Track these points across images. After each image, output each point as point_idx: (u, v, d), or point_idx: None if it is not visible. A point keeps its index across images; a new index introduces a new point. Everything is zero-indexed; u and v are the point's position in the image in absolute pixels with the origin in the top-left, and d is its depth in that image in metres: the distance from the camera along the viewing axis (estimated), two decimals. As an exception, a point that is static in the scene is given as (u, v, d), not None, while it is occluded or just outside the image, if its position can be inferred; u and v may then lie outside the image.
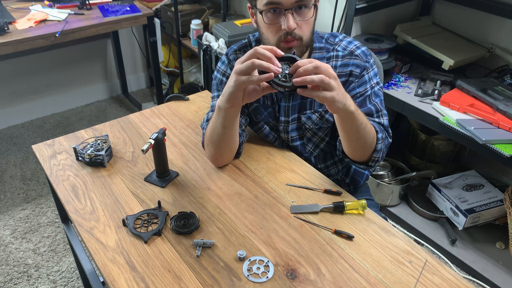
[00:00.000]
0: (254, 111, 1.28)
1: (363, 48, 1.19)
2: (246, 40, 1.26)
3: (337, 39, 1.20)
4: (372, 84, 1.17)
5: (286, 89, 0.94)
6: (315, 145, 1.29)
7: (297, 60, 0.94)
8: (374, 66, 1.19)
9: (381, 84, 1.21)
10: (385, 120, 1.17)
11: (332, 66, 1.17)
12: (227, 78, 1.24)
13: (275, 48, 0.94)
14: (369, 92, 1.16)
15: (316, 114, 1.22)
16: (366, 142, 1.08)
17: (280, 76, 0.94)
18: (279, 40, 1.06)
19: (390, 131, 1.18)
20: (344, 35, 1.22)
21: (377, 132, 1.11)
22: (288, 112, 1.23)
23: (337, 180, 1.36)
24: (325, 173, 1.30)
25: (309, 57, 1.18)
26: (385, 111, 1.18)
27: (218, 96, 1.23)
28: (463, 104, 1.69)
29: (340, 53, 1.18)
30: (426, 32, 2.07)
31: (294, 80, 0.91)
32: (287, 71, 0.94)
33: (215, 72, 1.28)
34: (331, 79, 0.91)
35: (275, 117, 1.27)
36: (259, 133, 1.34)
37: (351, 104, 0.97)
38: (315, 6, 1.07)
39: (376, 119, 1.16)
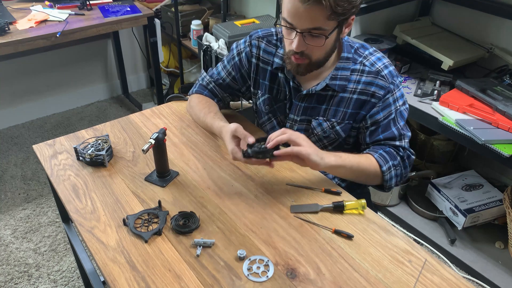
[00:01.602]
0: (264, 101, 1.29)
1: (391, 68, 1.16)
2: (273, 30, 1.27)
3: (366, 52, 1.17)
4: (398, 106, 1.16)
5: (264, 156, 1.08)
6: None
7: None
8: (401, 87, 1.17)
9: (407, 105, 1.20)
10: (406, 143, 1.18)
11: (355, 80, 1.16)
12: (240, 58, 1.30)
13: (249, 140, 1.06)
14: (393, 115, 1.16)
15: (328, 122, 1.21)
16: (367, 179, 1.16)
17: (257, 149, 1.06)
18: (290, 53, 1.10)
19: (412, 151, 1.20)
20: (374, 48, 1.20)
21: (380, 166, 1.13)
22: (299, 111, 1.23)
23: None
24: None
25: (333, 66, 1.17)
26: (408, 133, 1.19)
27: (224, 68, 1.34)
28: (463, 104, 1.69)
29: (367, 69, 1.15)
30: (426, 32, 2.07)
31: (269, 145, 1.04)
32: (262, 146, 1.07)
33: (234, 46, 1.33)
34: (300, 139, 1.03)
35: (285, 113, 1.27)
36: (265, 125, 1.35)
37: (330, 161, 1.07)
38: (339, 31, 1.06)
39: (397, 143, 1.17)
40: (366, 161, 1.12)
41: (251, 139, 1.06)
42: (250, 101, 1.40)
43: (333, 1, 0.95)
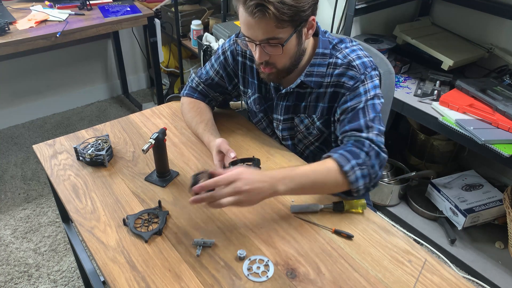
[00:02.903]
0: (255, 101, 1.30)
1: (365, 59, 1.12)
2: None
3: (343, 45, 1.15)
4: (369, 97, 1.09)
5: None
6: (305, 146, 1.30)
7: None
8: (375, 79, 1.11)
9: (382, 100, 1.12)
10: (374, 135, 1.06)
11: (329, 74, 1.14)
12: (225, 57, 1.31)
13: (231, 155, 1.11)
14: (362, 105, 1.08)
15: (309, 119, 1.22)
16: (333, 188, 1.05)
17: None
18: (257, 63, 1.13)
19: (383, 146, 1.07)
20: (354, 42, 1.17)
21: (342, 166, 1.01)
22: (282, 111, 1.24)
23: None
24: None
25: (306, 64, 1.16)
26: (378, 127, 1.08)
27: (212, 67, 1.34)
28: (463, 104, 1.69)
29: (339, 61, 1.13)
30: (426, 32, 2.08)
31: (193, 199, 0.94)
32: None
33: (219, 47, 1.33)
34: (232, 190, 0.92)
35: (273, 112, 1.29)
36: (258, 125, 1.37)
37: (277, 190, 0.96)
38: (298, 35, 1.05)
39: (363, 134, 1.07)
40: (323, 170, 1.01)
41: (233, 154, 1.11)
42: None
43: (276, 12, 0.96)
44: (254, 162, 1.12)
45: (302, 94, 1.19)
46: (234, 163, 1.12)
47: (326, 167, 1.02)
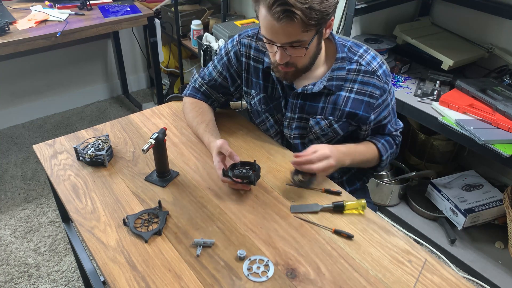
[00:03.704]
0: (260, 101, 1.29)
1: (384, 68, 1.19)
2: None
3: (361, 50, 1.18)
4: (392, 103, 1.25)
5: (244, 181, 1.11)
6: None
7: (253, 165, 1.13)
8: (392, 84, 1.24)
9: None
10: (399, 133, 1.32)
11: (351, 80, 1.17)
12: (228, 58, 1.30)
13: (235, 158, 1.11)
14: (391, 115, 1.25)
15: (326, 121, 1.22)
16: (367, 165, 1.29)
17: (238, 172, 1.11)
18: (276, 63, 1.12)
19: (400, 138, 1.33)
20: (367, 46, 1.22)
21: (382, 156, 1.25)
22: (295, 109, 1.23)
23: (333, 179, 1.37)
24: None
25: (326, 64, 1.18)
26: (401, 125, 1.34)
27: (215, 68, 1.34)
28: (463, 104, 1.69)
29: (363, 68, 1.16)
30: (426, 32, 2.07)
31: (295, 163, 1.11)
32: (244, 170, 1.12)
33: (222, 47, 1.33)
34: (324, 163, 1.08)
35: (281, 111, 1.27)
36: (261, 125, 1.36)
37: (344, 164, 1.16)
38: (319, 35, 1.07)
39: (394, 133, 1.30)
40: (371, 152, 1.24)
41: (237, 158, 1.11)
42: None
43: (304, 17, 0.96)
44: (254, 168, 1.11)
45: (319, 94, 1.19)
46: (234, 166, 1.12)
47: (372, 149, 1.25)
